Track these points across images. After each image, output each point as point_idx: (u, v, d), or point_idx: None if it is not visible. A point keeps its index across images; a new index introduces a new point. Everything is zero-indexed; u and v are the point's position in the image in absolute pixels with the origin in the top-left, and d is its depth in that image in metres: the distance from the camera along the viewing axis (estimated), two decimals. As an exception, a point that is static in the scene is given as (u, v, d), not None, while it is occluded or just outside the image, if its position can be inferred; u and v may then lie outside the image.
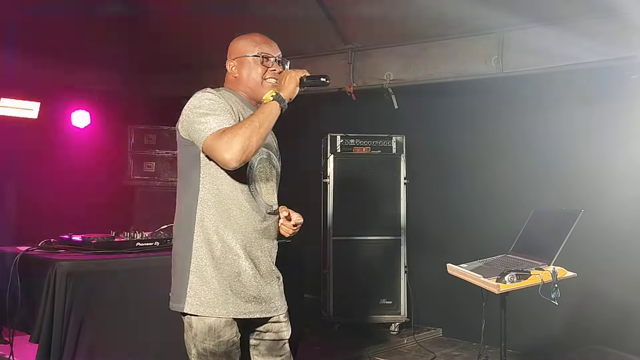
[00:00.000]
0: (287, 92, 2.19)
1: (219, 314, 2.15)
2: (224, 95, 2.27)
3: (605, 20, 4.16)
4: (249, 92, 2.33)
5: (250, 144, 2.04)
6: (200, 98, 2.19)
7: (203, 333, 2.16)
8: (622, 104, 4.31)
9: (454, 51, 4.93)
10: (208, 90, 2.24)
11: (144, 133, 5.72)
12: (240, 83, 2.34)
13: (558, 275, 2.77)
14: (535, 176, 4.77)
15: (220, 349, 2.16)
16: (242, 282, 2.19)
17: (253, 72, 2.32)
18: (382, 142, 5.38)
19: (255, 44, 2.34)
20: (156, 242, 3.43)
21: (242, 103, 2.31)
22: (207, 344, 2.16)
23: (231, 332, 2.17)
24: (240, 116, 2.22)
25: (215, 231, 2.18)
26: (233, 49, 2.38)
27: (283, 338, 2.36)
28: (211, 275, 2.16)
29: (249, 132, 2.04)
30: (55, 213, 5.21)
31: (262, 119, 2.09)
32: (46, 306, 2.86)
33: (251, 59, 2.32)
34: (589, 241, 3.96)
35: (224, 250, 2.17)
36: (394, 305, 5.31)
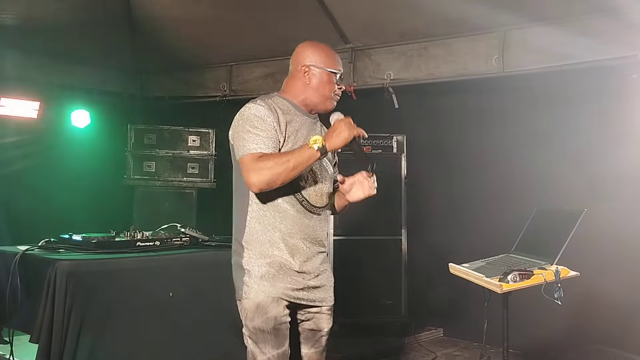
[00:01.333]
0: (332, 144, 2.25)
1: (266, 293, 2.29)
2: (277, 103, 2.37)
3: (606, 19, 4.15)
4: (314, 102, 2.43)
5: (277, 180, 2.21)
6: (250, 111, 2.30)
7: (252, 311, 2.30)
8: (623, 103, 4.30)
9: (455, 50, 4.92)
10: (259, 102, 2.33)
11: (144, 133, 5.71)
12: (308, 91, 2.42)
13: (561, 274, 2.76)
14: (537, 175, 4.76)
15: (269, 326, 2.29)
16: (288, 273, 2.34)
17: (326, 87, 2.41)
18: (383, 142, 5.36)
19: (335, 60, 2.44)
20: (157, 241, 3.43)
21: (295, 109, 2.41)
22: (256, 321, 2.29)
23: (278, 309, 2.30)
24: (287, 125, 2.33)
25: (263, 233, 2.34)
26: (309, 56, 2.44)
27: (321, 329, 2.50)
28: (261, 267, 2.32)
29: (281, 169, 2.19)
30: (55, 212, 5.19)
31: (298, 162, 2.21)
32: (46, 306, 2.86)
33: (327, 74, 2.41)
34: (590, 241, 3.94)
35: (270, 248, 2.33)
36: (394, 305, 5.29)
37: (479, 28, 4.74)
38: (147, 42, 5.87)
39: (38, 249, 3.22)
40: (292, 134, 2.36)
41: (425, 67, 5.09)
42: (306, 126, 2.43)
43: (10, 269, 3.02)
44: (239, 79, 6.02)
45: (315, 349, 2.50)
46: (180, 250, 3.51)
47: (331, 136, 2.24)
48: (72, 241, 3.27)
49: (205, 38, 5.71)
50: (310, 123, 2.46)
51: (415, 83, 5.15)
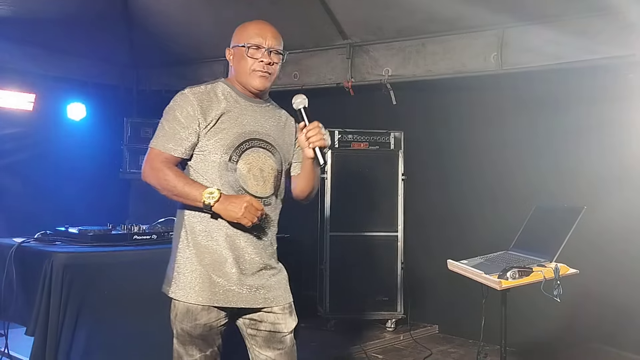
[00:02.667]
0: (220, 210, 2.15)
1: (195, 300, 2.21)
2: (215, 90, 2.30)
3: (603, 19, 4.16)
4: (242, 82, 2.32)
5: (159, 191, 2.24)
6: (174, 103, 2.27)
7: (182, 314, 2.24)
8: (621, 102, 4.31)
9: (453, 47, 4.93)
10: (187, 91, 2.27)
11: (140, 126, 5.70)
12: (235, 74, 2.34)
13: (560, 272, 2.76)
14: (534, 173, 4.77)
15: (197, 332, 2.23)
16: (223, 271, 2.23)
17: (242, 62, 2.29)
18: (380, 138, 5.36)
19: (248, 33, 2.30)
20: (153, 235, 3.41)
21: (237, 95, 2.32)
22: (185, 324, 2.23)
23: (208, 317, 2.22)
24: (223, 112, 2.25)
25: (200, 220, 2.24)
26: (232, 38, 2.37)
27: (280, 331, 2.33)
28: (193, 262, 2.24)
29: (164, 185, 2.20)
30: (51, 205, 5.17)
31: (180, 193, 2.18)
32: (42, 298, 2.84)
33: (243, 49, 2.29)
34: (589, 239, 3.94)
35: (207, 239, 2.24)
36: (390, 301, 5.29)
37: (477, 25, 4.75)
38: (144, 35, 5.85)
39: (34, 241, 3.19)
40: (230, 120, 2.25)
41: (423, 64, 5.09)
42: (247, 112, 2.31)
43: (6, 261, 3.00)
44: (235, 73, 5.99)
45: (280, 351, 2.32)
46: (176, 244, 3.48)
47: (224, 204, 2.13)
48: (69, 234, 3.25)
49: (202, 32, 5.70)
50: (254, 109, 2.34)
51: (413, 80, 5.16)
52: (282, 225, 2.56)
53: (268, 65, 2.28)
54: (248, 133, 2.28)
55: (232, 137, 2.25)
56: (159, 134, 2.25)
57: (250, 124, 2.30)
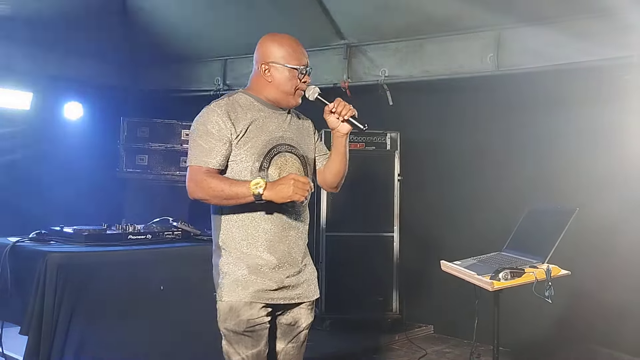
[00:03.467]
0: (270, 196, 2.21)
1: (237, 297, 2.30)
2: (238, 101, 2.37)
3: (600, 20, 4.16)
4: (278, 98, 2.41)
5: (210, 201, 2.31)
6: (202, 119, 2.33)
7: (225, 313, 2.31)
8: (617, 104, 4.32)
9: (450, 48, 4.93)
10: (214, 106, 2.33)
11: (137, 126, 5.68)
12: (271, 88, 2.40)
13: (552, 273, 2.77)
14: (530, 174, 4.78)
15: (241, 328, 2.29)
16: (265, 272, 2.33)
17: (287, 84, 2.38)
18: (377, 139, 5.37)
19: (294, 54, 2.39)
20: (148, 235, 3.42)
21: (260, 105, 2.40)
22: (228, 323, 2.30)
23: (251, 312, 2.29)
24: (249, 123, 2.32)
25: (239, 231, 2.34)
26: (267, 52, 2.40)
27: (299, 325, 2.46)
28: (236, 266, 2.33)
29: (212, 193, 2.25)
30: (46, 204, 5.16)
31: (230, 195, 2.24)
32: (36, 298, 2.84)
33: (287, 70, 2.37)
34: (582, 240, 3.97)
35: (247, 246, 2.33)
36: (386, 301, 5.31)
37: (474, 26, 4.75)
38: (142, 35, 5.84)
39: (29, 240, 3.19)
40: (257, 129, 2.34)
41: (420, 65, 5.09)
42: (271, 120, 2.40)
43: (0, 261, 3.01)
44: (233, 74, 6.00)
45: (293, 344, 2.47)
46: (171, 244, 3.49)
47: (273, 188, 2.21)
48: (64, 233, 3.25)
49: (200, 32, 5.70)
50: (277, 117, 2.43)
51: (409, 80, 5.16)
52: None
53: (304, 83, 2.42)
54: (275, 139, 2.39)
55: (262, 144, 2.34)
56: (195, 151, 2.31)
57: (275, 130, 2.40)
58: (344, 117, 2.41)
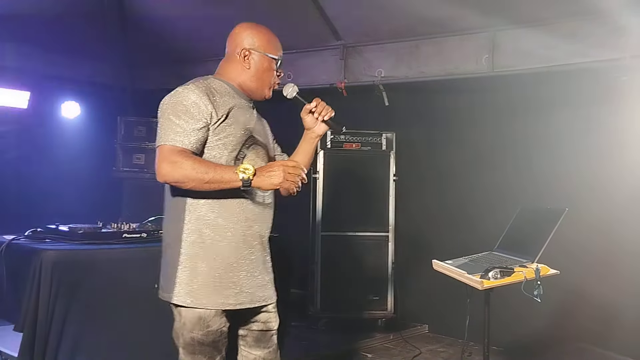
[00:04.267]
0: (259, 184, 2.09)
1: (207, 305, 2.14)
2: (212, 85, 2.23)
3: (594, 22, 4.19)
4: (251, 87, 2.31)
5: (187, 184, 2.06)
6: (178, 98, 2.15)
7: (192, 323, 2.15)
8: (610, 105, 4.34)
9: (445, 49, 4.96)
10: (190, 86, 2.17)
11: (134, 125, 5.71)
12: (246, 75, 2.30)
13: (541, 272, 2.79)
14: (523, 175, 4.80)
15: (209, 339, 2.16)
16: (232, 272, 2.18)
17: (265, 74, 2.31)
18: (372, 139, 5.39)
19: (276, 45, 2.34)
20: (143, 233, 3.43)
21: (233, 92, 2.28)
22: (196, 333, 2.15)
23: (220, 321, 2.17)
24: (229, 109, 2.19)
25: (206, 220, 2.16)
26: (249, 38, 2.30)
27: (271, 329, 2.37)
28: (201, 266, 2.15)
29: (195, 176, 2.04)
30: (42, 202, 5.18)
31: (215, 180, 2.05)
32: (31, 295, 2.85)
33: (268, 60, 2.31)
34: (574, 240, 3.99)
35: (214, 239, 2.16)
36: (380, 301, 5.33)
37: (469, 28, 4.78)
38: (139, 34, 5.86)
39: (24, 238, 3.20)
40: (234, 117, 2.21)
41: (416, 66, 5.12)
42: (244, 110, 2.29)
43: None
44: (230, 73, 6.01)
45: (269, 349, 2.36)
46: (166, 243, 3.51)
47: (262, 174, 2.07)
48: (59, 231, 3.26)
49: (197, 32, 5.71)
50: (247, 108, 2.32)
51: (405, 81, 5.19)
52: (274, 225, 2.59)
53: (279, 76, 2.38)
54: (250, 130, 2.28)
55: (239, 134, 2.22)
56: (170, 129, 2.10)
57: (248, 121, 2.29)
58: (323, 118, 2.35)
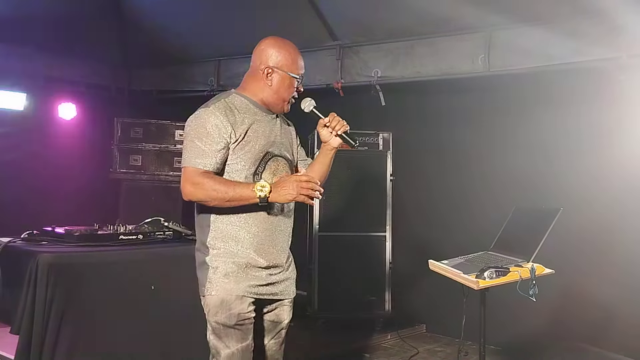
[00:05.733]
0: (275, 199, 2.27)
1: (228, 291, 2.33)
2: (234, 103, 2.38)
3: (591, 21, 4.19)
4: (271, 103, 2.45)
5: (209, 203, 2.30)
6: (200, 121, 2.32)
7: (215, 306, 2.33)
8: (607, 104, 4.35)
9: (442, 49, 4.95)
10: (212, 108, 2.33)
11: (131, 126, 5.69)
12: (268, 92, 2.43)
13: (536, 272, 2.80)
14: (519, 175, 4.81)
15: (231, 322, 2.33)
16: (254, 270, 2.38)
17: (286, 91, 2.44)
18: (369, 139, 5.39)
19: (298, 63, 2.45)
20: (140, 235, 3.43)
21: (254, 107, 2.44)
22: (219, 316, 2.33)
23: (242, 306, 2.33)
24: (248, 126, 2.35)
25: (229, 233, 2.37)
26: (274, 56, 2.43)
27: (281, 322, 2.54)
28: (227, 263, 2.36)
29: (215, 196, 2.25)
30: (39, 205, 5.18)
31: (234, 198, 2.25)
32: (27, 297, 2.86)
33: (288, 78, 2.42)
34: (570, 240, 4.01)
35: (237, 247, 2.36)
36: (378, 301, 5.33)
37: (466, 27, 4.77)
38: (136, 35, 5.86)
39: (20, 241, 3.21)
40: (253, 133, 2.38)
41: (412, 66, 5.12)
42: (265, 124, 2.44)
43: (-8, 261, 3.03)
44: (227, 74, 6.02)
45: (275, 340, 2.55)
46: (163, 244, 3.52)
47: (277, 190, 2.25)
48: (55, 234, 3.27)
49: (194, 33, 5.72)
50: (269, 121, 2.47)
51: (401, 81, 5.18)
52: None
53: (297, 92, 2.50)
54: (269, 144, 2.43)
55: (258, 149, 2.38)
56: (192, 152, 2.30)
57: (268, 135, 2.44)
58: (336, 132, 2.47)
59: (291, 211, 2.53)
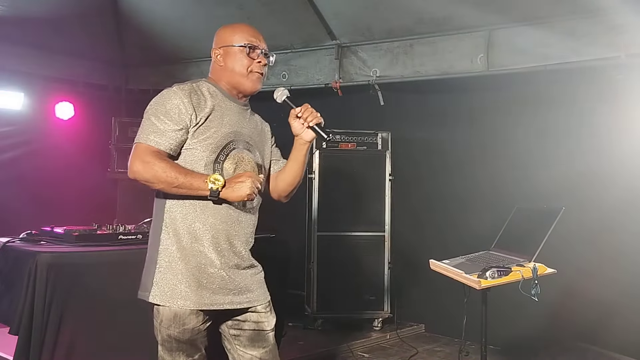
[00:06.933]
0: (226, 195, 2.14)
1: (182, 304, 2.18)
2: (201, 87, 2.29)
3: (590, 20, 4.20)
4: (233, 83, 2.33)
5: (156, 184, 2.14)
6: (163, 99, 2.21)
7: (168, 320, 2.20)
8: (606, 104, 4.35)
9: (441, 49, 4.96)
10: (176, 88, 2.24)
11: (128, 126, 5.68)
12: (225, 73, 2.33)
13: (538, 271, 2.79)
14: (519, 174, 4.80)
15: (185, 337, 2.21)
16: (209, 273, 2.22)
17: (238, 63, 2.31)
18: (368, 139, 5.39)
19: (242, 34, 2.33)
20: (139, 235, 3.40)
21: (222, 95, 2.33)
22: (172, 330, 2.21)
23: (197, 320, 2.21)
24: (212, 110, 2.24)
25: (183, 222, 2.22)
26: (219, 38, 2.37)
27: (264, 329, 2.37)
28: (177, 266, 2.20)
29: (164, 179, 2.10)
30: (37, 205, 5.15)
31: (182, 185, 2.11)
32: (26, 298, 2.83)
33: (237, 49, 2.31)
34: (571, 240, 4.00)
35: (190, 241, 2.21)
36: (377, 300, 5.32)
37: (465, 27, 4.78)
38: (133, 34, 5.85)
39: (19, 241, 3.19)
40: (217, 119, 2.26)
41: (411, 65, 5.12)
42: (232, 113, 2.32)
43: (-10, 261, 3.01)
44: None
45: (265, 349, 2.36)
46: (162, 244, 3.49)
47: (231, 186, 2.13)
48: (54, 234, 3.25)
49: (192, 32, 5.70)
50: (238, 111, 2.35)
51: (400, 80, 5.19)
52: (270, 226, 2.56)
53: (263, 66, 2.34)
54: (233, 133, 2.30)
55: (220, 136, 2.25)
56: (148, 129, 2.17)
57: (235, 124, 2.32)
58: (308, 123, 2.35)
59: (254, 208, 2.36)
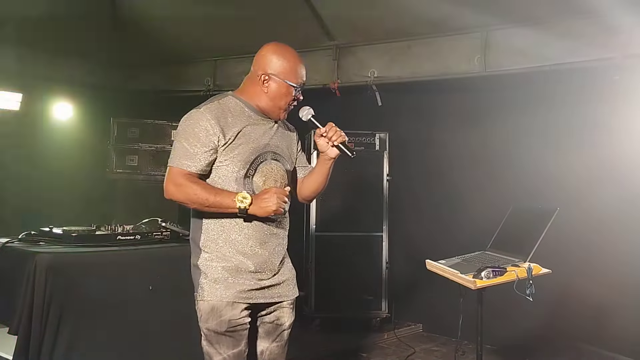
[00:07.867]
0: (254, 211, 2.28)
1: (219, 297, 2.32)
2: (227, 106, 2.37)
3: (586, 21, 4.21)
4: (267, 108, 2.41)
5: (189, 205, 2.33)
6: (190, 122, 2.32)
7: (206, 313, 2.33)
8: (602, 104, 4.37)
9: (438, 50, 4.97)
10: (203, 110, 2.32)
11: (127, 126, 5.69)
12: (263, 97, 2.40)
13: (533, 271, 2.81)
14: (515, 174, 4.82)
15: (222, 328, 2.31)
16: (244, 277, 2.36)
17: (283, 99, 2.40)
18: (366, 139, 5.41)
19: (298, 73, 2.40)
20: (137, 235, 3.43)
21: (250, 111, 2.41)
22: (210, 323, 2.32)
23: (232, 312, 2.32)
24: (238, 130, 2.33)
25: (222, 233, 2.35)
26: (271, 63, 2.40)
27: (282, 324, 2.50)
28: (214, 273, 2.35)
29: (195, 200, 2.28)
30: (36, 205, 5.17)
31: (213, 204, 2.27)
32: (25, 298, 2.85)
33: (285, 87, 2.38)
34: (566, 240, 4.02)
35: (229, 250, 2.35)
36: (375, 300, 5.35)
37: (462, 28, 4.79)
38: (132, 35, 5.84)
39: (18, 241, 3.21)
40: (244, 136, 2.35)
41: (409, 66, 5.13)
42: (258, 128, 2.41)
43: (-11, 261, 3.02)
44: (223, 74, 6.02)
45: (277, 343, 2.50)
46: (160, 245, 3.51)
47: (258, 203, 2.27)
48: (53, 234, 3.26)
49: (191, 33, 5.71)
50: (264, 125, 2.44)
51: (398, 81, 5.19)
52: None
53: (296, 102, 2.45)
54: (262, 147, 2.40)
55: (249, 152, 2.35)
56: (179, 152, 2.30)
57: (262, 138, 2.41)
58: (333, 142, 2.44)
59: (285, 217, 2.50)
